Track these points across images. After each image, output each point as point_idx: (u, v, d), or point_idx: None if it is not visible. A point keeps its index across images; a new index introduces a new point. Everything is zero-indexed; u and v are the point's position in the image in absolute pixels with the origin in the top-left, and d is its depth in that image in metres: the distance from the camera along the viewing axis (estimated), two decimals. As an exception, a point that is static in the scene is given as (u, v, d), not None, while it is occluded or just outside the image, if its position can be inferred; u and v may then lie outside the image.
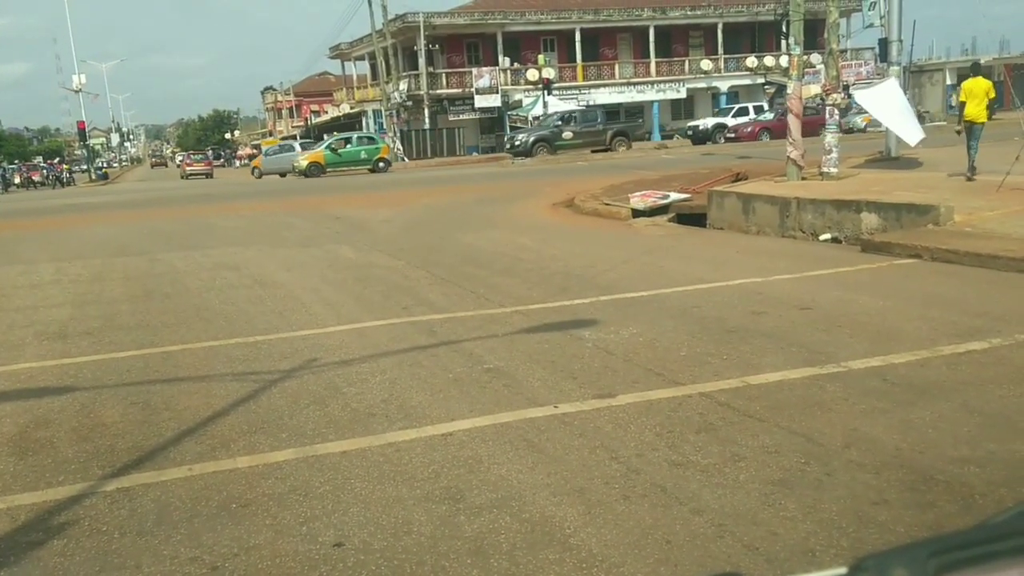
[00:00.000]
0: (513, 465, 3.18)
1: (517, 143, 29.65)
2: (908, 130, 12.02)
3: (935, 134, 27.53)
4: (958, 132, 10.81)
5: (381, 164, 29.48)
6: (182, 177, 40.47)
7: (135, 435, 3.75)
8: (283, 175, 32.31)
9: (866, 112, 18.14)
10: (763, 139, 29.11)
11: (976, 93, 10.66)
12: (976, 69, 11.09)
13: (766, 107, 33.31)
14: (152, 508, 2.98)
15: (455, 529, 2.70)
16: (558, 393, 4.01)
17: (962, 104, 10.87)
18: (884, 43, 14.29)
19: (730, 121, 32.52)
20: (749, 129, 30.16)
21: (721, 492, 2.86)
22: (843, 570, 0.53)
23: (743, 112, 33.18)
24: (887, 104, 11.91)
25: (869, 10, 14.89)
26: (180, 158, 55.20)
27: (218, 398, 4.23)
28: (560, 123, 29.91)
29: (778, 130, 28.84)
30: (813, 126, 15.18)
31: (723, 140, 31.00)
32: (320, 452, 3.41)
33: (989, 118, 10.69)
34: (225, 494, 3.06)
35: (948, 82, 40.65)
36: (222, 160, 63.62)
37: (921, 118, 36.55)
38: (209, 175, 40.69)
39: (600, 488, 2.95)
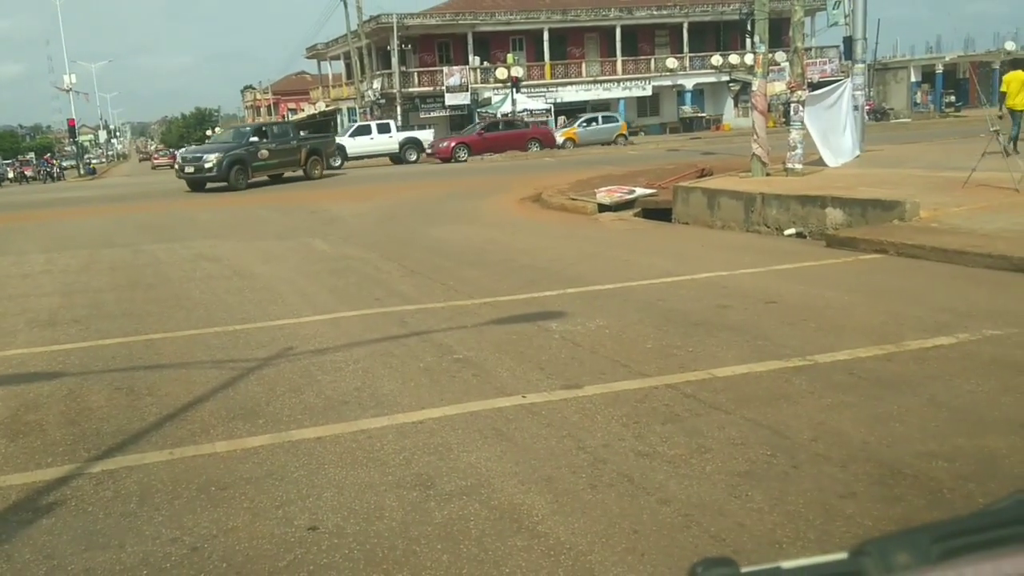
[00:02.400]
0: (482, 453, 3.21)
1: (207, 166, 19.86)
2: (834, 149, 12.24)
3: (899, 131, 28.38)
4: (1000, 117, 11.95)
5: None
6: (152, 168, 44.42)
7: (119, 419, 3.87)
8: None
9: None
10: (460, 156, 27.17)
11: (1015, 84, 12.23)
12: (1013, 65, 12.50)
13: (393, 125, 30.36)
14: (135, 490, 3.08)
15: (425, 515, 2.73)
16: (526, 383, 4.05)
17: (1003, 94, 12.39)
18: (849, 41, 14.50)
19: (424, 135, 30.22)
20: (445, 144, 28.37)
21: (688, 483, 2.85)
22: (844, 555, 0.52)
23: (364, 131, 29.74)
24: (827, 117, 12.13)
25: (834, 9, 15.11)
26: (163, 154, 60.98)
27: (198, 385, 4.33)
28: (256, 139, 21.04)
29: (478, 146, 27.71)
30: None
31: (417, 159, 28.29)
32: (295, 438, 3.49)
33: None
34: (205, 477, 3.14)
35: (912, 79, 41.68)
36: None
37: (885, 114, 37.44)
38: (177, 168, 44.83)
39: (567, 477, 2.97)
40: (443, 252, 8.70)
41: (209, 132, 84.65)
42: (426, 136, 31.17)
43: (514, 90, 36.04)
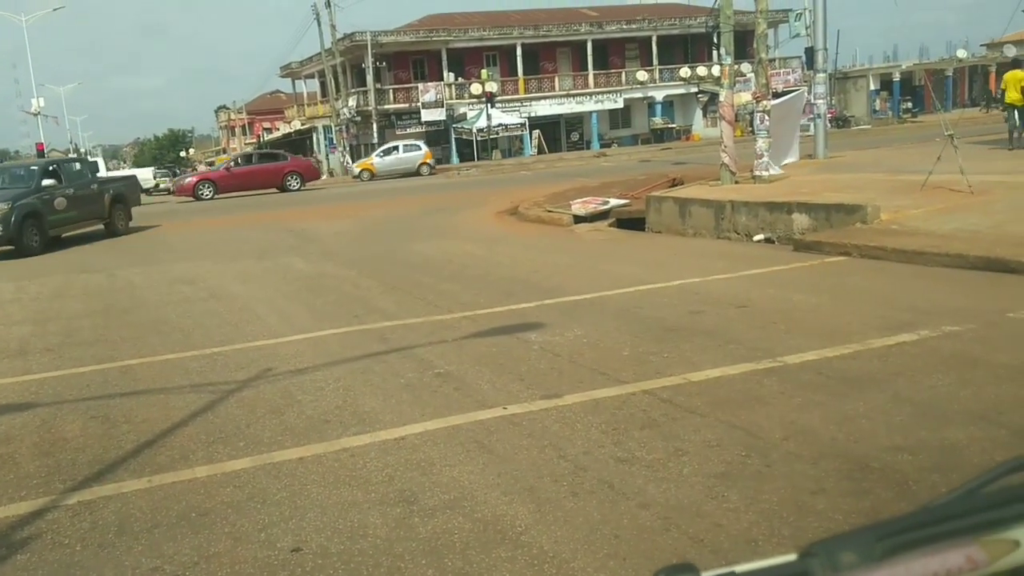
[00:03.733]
0: (464, 466, 3.23)
1: None
2: (780, 152, 12.72)
3: (860, 137, 29.05)
4: (1002, 109, 13.53)
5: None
6: None
7: (95, 448, 3.81)
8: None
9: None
10: (204, 194, 25.71)
11: (1013, 82, 13.47)
12: (1016, 64, 13.61)
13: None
14: (113, 520, 3.03)
15: (410, 531, 2.74)
16: (506, 395, 4.09)
17: (1003, 91, 13.81)
18: (810, 52, 14.97)
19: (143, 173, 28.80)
20: (188, 181, 27.47)
21: (666, 486, 2.91)
22: (792, 557, 0.53)
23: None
24: (783, 121, 12.62)
25: (795, 21, 15.59)
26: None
27: (176, 410, 4.28)
28: (49, 182, 14.39)
29: (225, 183, 25.55)
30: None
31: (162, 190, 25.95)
32: (277, 459, 3.48)
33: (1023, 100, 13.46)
34: (184, 504, 3.11)
35: (872, 87, 42.94)
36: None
37: (847, 121, 38.43)
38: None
39: (549, 486, 3.00)
40: (422, 267, 8.73)
41: (183, 153, 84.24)
42: (145, 175, 30.25)
43: (489, 105, 36.39)
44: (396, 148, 32.74)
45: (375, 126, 37.73)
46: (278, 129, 55.58)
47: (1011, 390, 3.61)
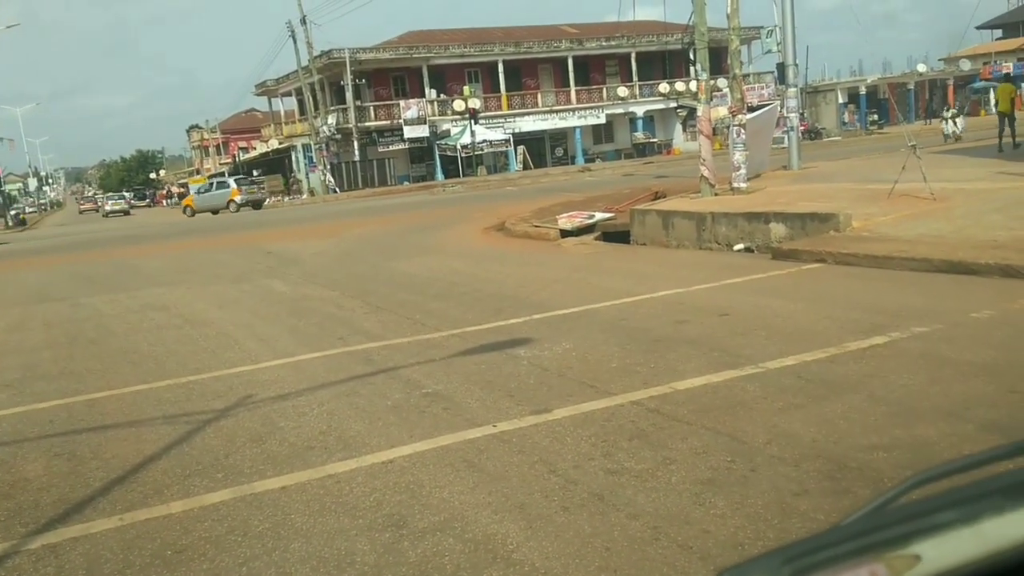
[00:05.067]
0: (455, 487, 3.19)
1: None
2: (755, 163, 13.06)
3: (831, 148, 29.52)
4: (1002, 114, 15.88)
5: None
6: (80, 213, 45.55)
7: (61, 488, 3.62)
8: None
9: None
10: None
11: (1004, 94, 16.03)
12: (1005, 78, 15.82)
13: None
14: (81, 563, 2.86)
15: (399, 555, 2.68)
16: (496, 412, 4.06)
17: (996, 101, 16.78)
18: (782, 67, 15.36)
19: None
20: None
21: (655, 495, 2.94)
22: None
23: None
24: (757, 134, 12.97)
25: (767, 37, 15.98)
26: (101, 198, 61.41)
27: (149, 443, 4.10)
28: None
29: None
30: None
31: None
32: (258, 490, 3.35)
33: (1011, 110, 15.75)
34: (159, 541, 2.96)
35: (840, 100, 44.05)
36: (147, 201, 64.25)
37: (818, 134, 39.27)
38: (98, 211, 45.80)
39: (540, 502, 2.98)
40: (408, 286, 8.64)
41: (153, 175, 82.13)
42: None
43: (472, 121, 36.44)
44: (212, 185, 35.96)
45: (356, 144, 37.42)
46: (255, 148, 54.63)
47: (977, 386, 3.74)
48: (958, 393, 3.68)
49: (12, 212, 42.54)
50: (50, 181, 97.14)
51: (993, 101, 17.70)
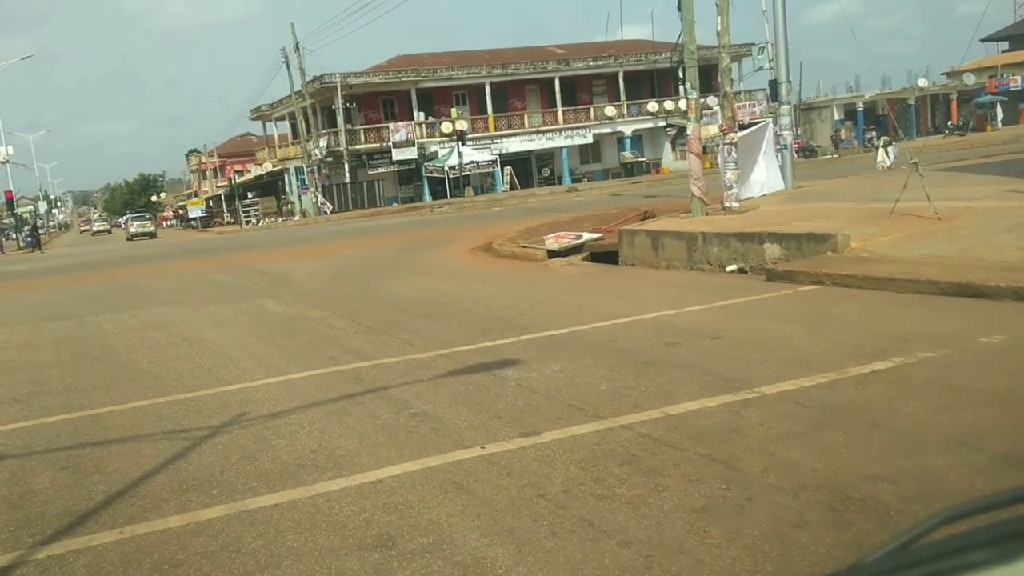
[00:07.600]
0: (443, 509, 3.19)
1: None
2: (751, 184, 13.05)
3: (827, 166, 29.79)
4: None
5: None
6: (80, 233, 47.89)
7: (65, 500, 3.75)
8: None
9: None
10: None
11: None
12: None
13: None
14: (83, 574, 2.96)
15: None
16: (484, 434, 4.04)
17: None
18: (774, 84, 15.37)
19: None
20: None
21: (647, 523, 2.87)
22: None
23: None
24: (748, 152, 12.99)
25: (758, 54, 16.02)
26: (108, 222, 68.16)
27: (148, 458, 4.22)
28: None
29: None
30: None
31: None
32: (252, 506, 3.42)
33: None
34: (157, 555, 3.05)
35: (836, 117, 43.99)
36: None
37: (813, 151, 39.44)
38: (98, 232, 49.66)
39: (529, 526, 2.96)
40: (397, 306, 8.71)
41: (154, 198, 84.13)
42: None
43: (460, 143, 36.83)
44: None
45: (347, 166, 38.20)
46: (249, 171, 56.19)
47: (989, 416, 3.61)
48: (968, 422, 3.54)
49: (25, 232, 41.95)
50: (58, 204, 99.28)
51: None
